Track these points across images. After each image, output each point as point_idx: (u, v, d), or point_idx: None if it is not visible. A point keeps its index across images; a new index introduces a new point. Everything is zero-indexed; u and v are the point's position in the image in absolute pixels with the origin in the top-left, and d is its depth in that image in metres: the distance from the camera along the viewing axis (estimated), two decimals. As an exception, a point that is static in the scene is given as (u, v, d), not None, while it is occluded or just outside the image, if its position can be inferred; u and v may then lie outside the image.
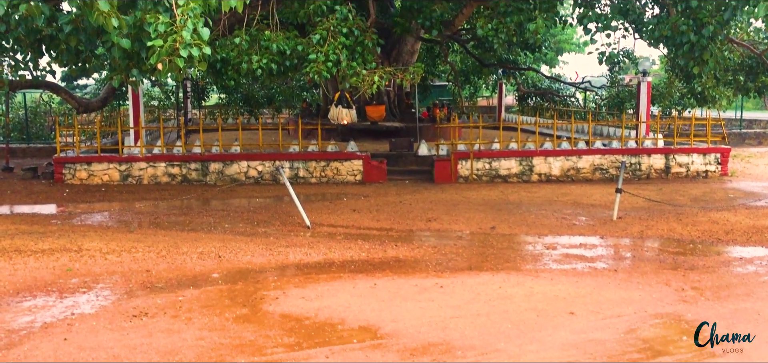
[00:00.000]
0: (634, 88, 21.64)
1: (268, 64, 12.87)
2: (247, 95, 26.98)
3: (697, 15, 12.31)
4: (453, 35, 21.56)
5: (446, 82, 31.38)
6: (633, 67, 20.02)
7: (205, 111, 28.43)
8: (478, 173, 16.17)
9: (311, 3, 13.86)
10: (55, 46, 8.01)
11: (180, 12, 7.32)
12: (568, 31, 36.38)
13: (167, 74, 7.35)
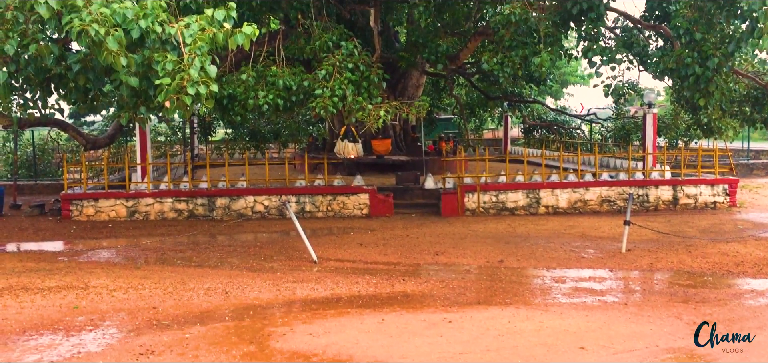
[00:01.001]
0: (639, 119, 21.64)
1: (274, 100, 12.95)
2: (253, 130, 27.13)
3: (702, 47, 12.35)
4: (458, 69, 21.71)
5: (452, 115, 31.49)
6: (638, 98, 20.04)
7: (212, 146, 28.58)
8: (485, 206, 16.12)
9: (317, 39, 14.00)
10: (64, 84, 8.09)
11: (188, 50, 7.39)
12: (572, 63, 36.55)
13: (175, 111, 7.39)
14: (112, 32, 6.99)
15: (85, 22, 6.82)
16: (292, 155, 25.04)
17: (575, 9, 12.75)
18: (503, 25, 13.00)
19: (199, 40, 7.45)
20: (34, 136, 24.48)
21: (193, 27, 7.66)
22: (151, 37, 7.58)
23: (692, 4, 12.36)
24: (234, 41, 7.61)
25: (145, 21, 7.43)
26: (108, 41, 6.89)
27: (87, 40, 6.91)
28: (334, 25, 14.77)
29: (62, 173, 17.21)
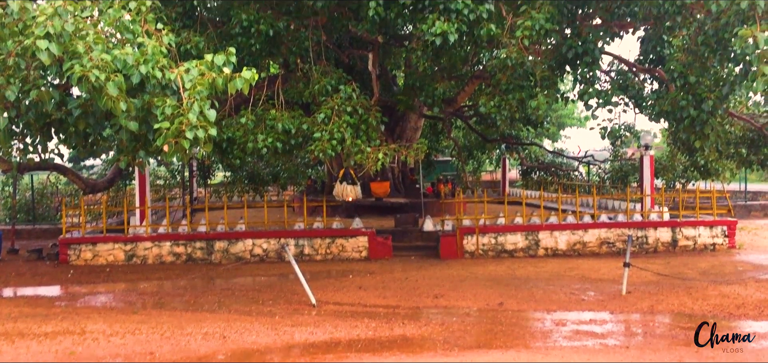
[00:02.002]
0: (637, 161, 21.74)
1: (273, 143, 13.02)
2: (252, 173, 27.19)
3: (696, 90, 12.48)
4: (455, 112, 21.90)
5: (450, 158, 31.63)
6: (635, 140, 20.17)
7: (211, 189, 28.61)
8: (484, 248, 16.08)
9: (316, 83, 14.14)
10: (64, 129, 8.15)
11: (187, 95, 7.46)
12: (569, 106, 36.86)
13: (173, 155, 7.43)
14: (112, 78, 7.06)
15: (85, 68, 6.90)
16: (290, 198, 25.07)
17: (570, 53, 12.92)
18: (500, 69, 13.16)
19: (198, 85, 7.53)
20: (34, 181, 24.51)
21: (192, 72, 7.75)
22: (151, 82, 7.66)
23: (686, 48, 12.53)
24: (233, 86, 7.69)
25: (146, 66, 7.52)
26: (108, 87, 6.96)
27: (87, 86, 6.98)
28: (332, 70, 14.94)
29: (61, 217, 17.17)
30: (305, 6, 13.85)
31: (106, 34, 8.04)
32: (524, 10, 12.78)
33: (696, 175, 20.29)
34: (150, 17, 8.52)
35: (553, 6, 12.47)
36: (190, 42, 12.81)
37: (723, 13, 10.36)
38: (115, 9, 8.07)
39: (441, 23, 11.63)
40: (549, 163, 28.92)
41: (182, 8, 13.65)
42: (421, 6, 12.20)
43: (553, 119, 36.72)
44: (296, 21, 14.72)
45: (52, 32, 7.03)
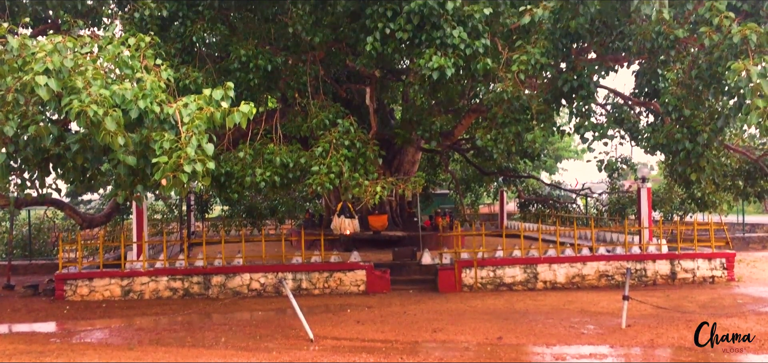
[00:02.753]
0: (634, 194, 21.78)
1: (271, 177, 13.04)
2: (250, 207, 27.17)
3: (691, 123, 12.56)
4: (453, 145, 21.98)
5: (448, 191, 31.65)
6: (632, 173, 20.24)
7: (208, 223, 28.55)
8: (482, 282, 16.01)
9: (314, 117, 14.22)
10: (62, 164, 8.16)
11: (185, 129, 7.49)
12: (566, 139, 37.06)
13: (171, 189, 7.43)
14: (110, 113, 7.09)
15: (84, 104, 6.94)
16: (288, 232, 25.01)
17: (566, 87, 13.02)
18: (496, 102, 13.25)
19: (196, 119, 7.56)
20: (31, 216, 24.45)
21: (191, 106, 7.79)
22: (150, 116, 7.69)
23: (680, 81, 12.64)
24: (231, 120, 7.72)
25: (144, 101, 7.56)
26: (106, 121, 6.99)
27: (86, 121, 7.01)
28: (330, 104, 15.04)
29: (57, 252, 17.10)
30: (303, 41, 14.00)
31: (105, 70, 8.10)
32: (520, 45, 12.92)
33: (693, 208, 20.32)
34: (149, 53, 8.59)
35: (548, 41, 12.61)
36: (189, 77, 12.91)
37: (716, 47, 10.48)
38: (115, 45, 8.13)
39: (438, 58, 11.74)
40: (546, 195, 28.96)
41: (181, 44, 13.78)
42: (418, 41, 12.33)
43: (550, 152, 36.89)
44: (294, 56, 14.86)
45: (51, 68, 7.08)
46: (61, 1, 12.75)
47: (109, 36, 8.74)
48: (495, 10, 12.79)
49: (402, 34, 12.16)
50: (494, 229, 25.88)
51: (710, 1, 10.52)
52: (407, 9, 11.90)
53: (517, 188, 27.92)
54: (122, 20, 13.52)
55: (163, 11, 13.04)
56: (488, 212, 35.09)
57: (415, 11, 11.78)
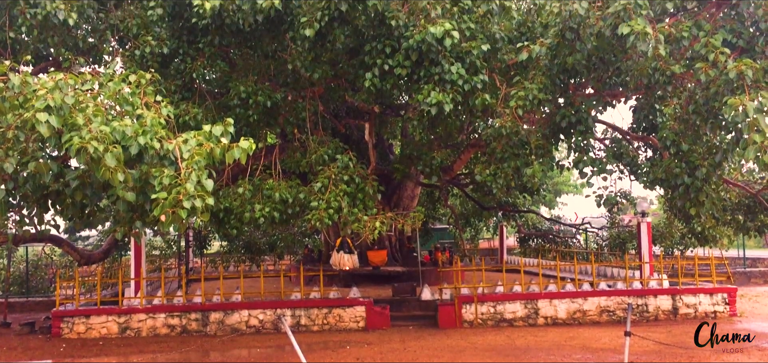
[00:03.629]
0: (634, 228, 21.75)
1: (270, 213, 13.03)
2: (248, 242, 27.08)
3: (689, 158, 12.60)
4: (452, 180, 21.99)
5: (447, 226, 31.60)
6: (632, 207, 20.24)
7: (207, 259, 28.44)
8: (483, 317, 15.89)
9: (313, 153, 14.27)
10: (61, 200, 8.14)
11: (185, 165, 7.50)
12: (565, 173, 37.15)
13: (170, 225, 7.40)
14: (111, 149, 7.10)
15: (84, 140, 6.95)
16: (287, 267, 24.89)
17: (564, 122, 13.10)
18: (495, 137, 13.31)
19: (196, 155, 7.57)
20: (28, 252, 24.35)
21: (191, 142, 7.80)
22: (150, 152, 7.70)
23: (677, 116, 12.72)
24: (231, 156, 7.74)
25: (144, 137, 7.58)
26: (106, 158, 6.99)
27: (86, 157, 7.01)
28: (329, 139, 15.09)
29: (55, 289, 16.99)
30: (302, 77, 14.11)
31: (105, 107, 8.14)
32: (517, 81, 13.03)
33: (694, 242, 20.26)
34: (149, 90, 8.64)
35: (546, 77, 12.72)
36: (189, 113, 12.98)
37: (712, 82, 10.56)
38: (116, 82, 8.18)
39: (436, 93, 11.82)
40: (546, 230, 28.90)
41: (181, 81, 13.88)
42: (417, 77, 12.43)
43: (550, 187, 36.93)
44: (293, 92, 14.96)
45: (52, 105, 7.11)
46: (63, 39, 12.87)
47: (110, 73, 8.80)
48: (492, 46, 12.93)
49: (401, 70, 12.26)
50: (494, 264, 25.77)
51: (706, 38, 10.64)
52: (406, 45, 12.02)
53: (517, 223, 27.88)
54: (123, 57, 13.64)
55: (164, 48, 13.16)
56: (488, 247, 34.98)
57: (413, 48, 11.90)
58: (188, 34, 13.62)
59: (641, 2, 10.36)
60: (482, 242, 35.29)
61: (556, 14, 12.01)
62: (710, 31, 10.82)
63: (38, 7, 11.66)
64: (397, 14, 12.04)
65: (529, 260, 24.67)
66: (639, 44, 10.15)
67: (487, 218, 28.62)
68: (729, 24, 11.22)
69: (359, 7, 11.88)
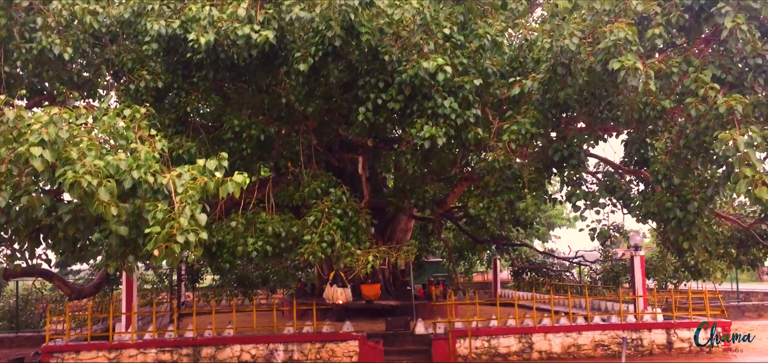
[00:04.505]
0: (627, 262, 21.77)
1: (263, 247, 12.99)
2: (241, 276, 26.92)
3: (681, 191, 12.66)
4: (445, 213, 22.02)
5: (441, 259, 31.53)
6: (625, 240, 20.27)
7: (199, 293, 28.20)
8: (477, 352, 15.78)
9: (306, 186, 14.27)
10: (53, 234, 8.11)
11: (179, 199, 7.49)
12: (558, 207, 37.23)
13: (163, 260, 7.37)
14: (104, 183, 7.10)
15: (78, 174, 6.95)
16: (280, 301, 24.71)
17: (557, 156, 13.18)
18: (488, 171, 13.36)
19: (190, 189, 7.57)
20: (18, 287, 24.11)
21: (184, 176, 7.81)
22: (143, 186, 7.70)
23: (669, 150, 12.82)
24: (225, 189, 7.74)
25: (138, 171, 7.59)
26: (100, 192, 6.99)
27: (79, 191, 7.01)
28: (322, 173, 15.12)
29: (45, 324, 16.79)
30: (296, 111, 14.18)
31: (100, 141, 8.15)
32: (510, 115, 13.12)
33: (687, 276, 20.27)
34: (144, 124, 8.67)
35: (538, 111, 12.82)
36: (183, 147, 12.99)
37: (702, 117, 10.67)
38: (110, 116, 8.22)
39: (429, 127, 11.89)
40: (540, 263, 28.88)
41: (175, 114, 13.92)
42: (410, 111, 12.51)
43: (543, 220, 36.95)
44: (287, 126, 15.02)
45: (46, 139, 7.12)
46: (58, 73, 12.91)
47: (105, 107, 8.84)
48: (485, 81, 13.05)
49: (394, 104, 12.34)
50: (488, 298, 25.67)
51: (695, 73, 10.78)
52: (399, 80, 12.11)
53: (511, 256, 27.86)
54: (118, 91, 13.68)
55: (159, 83, 13.21)
56: (482, 280, 34.87)
57: (406, 82, 11.99)
58: (183, 69, 13.69)
59: (631, 38, 10.51)
60: (476, 275, 35.19)
61: (548, 50, 12.16)
62: (699, 67, 10.96)
63: (34, 42, 11.71)
64: (390, 49, 12.16)
65: (523, 294, 24.59)
66: (630, 79, 10.27)
67: (480, 251, 28.59)
68: (718, 60, 11.38)
69: (353, 43, 11.99)
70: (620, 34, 10.45)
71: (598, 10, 11.16)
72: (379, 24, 12.16)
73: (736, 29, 10.28)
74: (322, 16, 11.59)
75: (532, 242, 32.91)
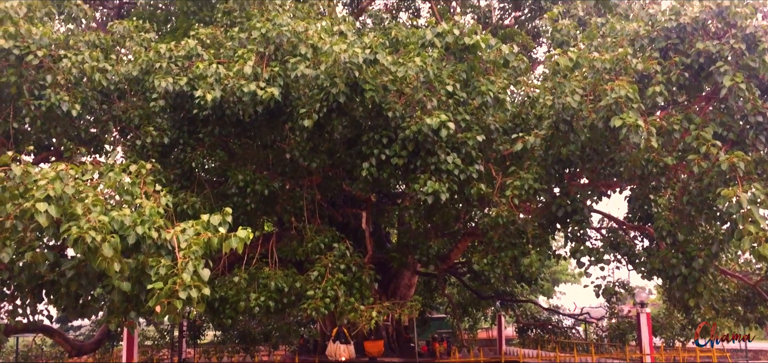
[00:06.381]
0: (633, 319, 21.51)
1: (265, 302, 12.90)
2: (243, 332, 26.64)
3: (686, 248, 12.59)
4: (449, 269, 21.89)
5: (445, 315, 31.18)
6: (630, 297, 20.07)
7: (200, 349, 27.86)
8: (481, 412, 15.48)
9: (309, 241, 14.24)
10: (56, 290, 8.08)
11: (182, 254, 7.49)
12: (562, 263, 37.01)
13: (165, 316, 7.32)
14: (108, 239, 7.12)
15: (82, 230, 6.97)
16: (282, 358, 24.41)
17: (560, 211, 13.16)
18: (491, 226, 13.33)
19: (194, 245, 7.57)
20: (18, 343, 23.88)
21: (188, 232, 7.83)
22: (147, 242, 7.71)
23: (672, 206, 12.80)
24: (228, 245, 7.74)
25: (142, 227, 7.61)
26: (104, 248, 7.00)
27: (83, 247, 7.01)
28: (326, 228, 15.10)
29: (43, 380, 16.59)
30: (300, 167, 14.26)
31: (105, 196, 8.20)
32: (513, 171, 13.16)
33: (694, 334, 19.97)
34: (149, 179, 8.73)
35: (541, 167, 12.86)
36: (187, 202, 13.03)
37: (705, 173, 10.69)
38: (116, 172, 8.28)
39: (433, 183, 11.92)
40: (545, 320, 28.53)
41: (180, 170, 14.01)
42: (413, 166, 12.56)
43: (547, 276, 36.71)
44: (291, 181, 15.08)
45: (52, 195, 7.17)
46: (66, 130, 13.06)
47: (111, 163, 8.92)
48: (488, 137, 13.15)
49: (397, 159, 12.41)
50: (493, 355, 25.28)
51: (696, 131, 10.85)
52: (402, 136, 12.20)
53: (515, 312, 27.56)
54: (124, 147, 13.80)
55: (165, 139, 13.33)
56: (486, 337, 34.39)
57: (410, 138, 12.08)
58: (189, 125, 13.85)
59: (632, 96, 10.61)
60: (480, 332, 34.73)
61: (550, 107, 12.27)
62: (701, 125, 11.03)
63: (43, 99, 11.89)
64: (394, 106, 12.29)
65: (528, 351, 24.24)
66: (631, 136, 10.33)
67: (484, 308, 28.30)
68: (719, 117, 11.46)
69: (357, 99, 12.13)
70: (621, 91, 10.56)
71: (599, 68, 11.30)
72: (382, 81, 12.33)
73: (735, 88, 10.40)
74: (326, 73, 11.76)
75: (536, 298, 32.60)
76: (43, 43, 11.72)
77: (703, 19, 11.39)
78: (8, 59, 11.51)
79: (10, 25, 11.45)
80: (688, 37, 11.56)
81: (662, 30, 11.75)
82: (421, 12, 24.70)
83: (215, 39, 14.11)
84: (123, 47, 14.25)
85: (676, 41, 11.65)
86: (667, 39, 11.72)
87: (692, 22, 11.41)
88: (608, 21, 13.20)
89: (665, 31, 11.72)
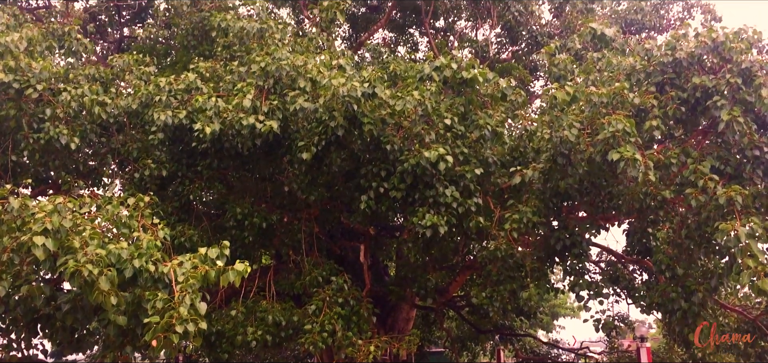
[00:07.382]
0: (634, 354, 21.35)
1: (263, 336, 12.81)
2: (239, 367, 26.34)
3: (685, 282, 12.55)
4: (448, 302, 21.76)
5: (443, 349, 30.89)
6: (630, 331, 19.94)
7: (196, 384, 27.52)
8: None
9: (307, 274, 14.18)
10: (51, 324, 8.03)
11: (179, 288, 7.46)
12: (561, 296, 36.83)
13: (161, 350, 7.27)
14: (105, 272, 7.09)
15: (79, 263, 6.95)
16: (278, 393, 24.11)
17: (559, 245, 13.14)
18: (490, 260, 13.30)
19: (191, 278, 7.55)
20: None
21: (186, 265, 7.81)
22: (144, 275, 7.68)
23: (671, 240, 12.79)
24: (226, 278, 7.72)
25: (139, 260, 7.59)
26: (100, 281, 6.97)
27: (80, 281, 6.98)
28: (324, 261, 15.04)
29: (36, 416, 16.32)
30: (298, 199, 14.26)
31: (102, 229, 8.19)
32: (511, 204, 13.17)
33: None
34: (147, 212, 8.73)
35: (539, 200, 12.88)
36: (185, 235, 13.00)
37: (703, 207, 10.70)
38: (114, 205, 8.28)
39: (431, 216, 11.92)
40: (544, 354, 28.30)
41: (178, 202, 14.00)
42: (412, 199, 12.57)
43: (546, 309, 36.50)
44: (289, 214, 15.06)
45: (49, 228, 7.16)
46: (64, 162, 13.08)
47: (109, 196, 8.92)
48: (486, 170, 13.18)
49: (396, 192, 12.41)
50: (492, 390, 25.03)
51: (694, 164, 10.89)
52: (401, 169, 12.23)
53: (515, 347, 27.35)
54: (122, 180, 13.81)
55: (163, 171, 13.35)
56: (485, 372, 34.06)
57: (408, 171, 12.10)
58: (187, 157, 13.87)
59: (629, 130, 10.67)
60: (479, 367, 34.40)
61: (547, 140, 12.33)
62: (698, 158, 11.08)
63: (42, 132, 11.92)
64: (392, 139, 12.34)
65: (527, 386, 23.99)
66: (629, 170, 10.37)
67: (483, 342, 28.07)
68: (716, 151, 11.51)
69: (355, 132, 12.19)
70: (618, 125, 10.61)
71: (596, 102, 11.38)
72: (381, 114, 12.39)
73: (732, 122, 10.47)
74: (325, 106, 11.82)
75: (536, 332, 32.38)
76: (43, 76, 11.80)
77: (698, 54, 11.51)
78: (8, 93, 11.57)
79: (11, 60, 11.54)
80: (684, 71, 11.67)
81: (658, 64, 11.87)
82: (419, 46, 24.95)
83: (215, 72, 14.21)
84: (123, 80, 14.34)
85: (672, 76, 11.75)
86: (664, 74, 11.83)
87: (688, 57, 11.53)
88: (605, 56, 13.33)
89: (661, 65, 11.83)
